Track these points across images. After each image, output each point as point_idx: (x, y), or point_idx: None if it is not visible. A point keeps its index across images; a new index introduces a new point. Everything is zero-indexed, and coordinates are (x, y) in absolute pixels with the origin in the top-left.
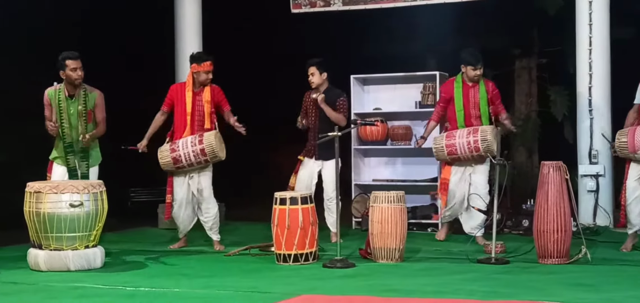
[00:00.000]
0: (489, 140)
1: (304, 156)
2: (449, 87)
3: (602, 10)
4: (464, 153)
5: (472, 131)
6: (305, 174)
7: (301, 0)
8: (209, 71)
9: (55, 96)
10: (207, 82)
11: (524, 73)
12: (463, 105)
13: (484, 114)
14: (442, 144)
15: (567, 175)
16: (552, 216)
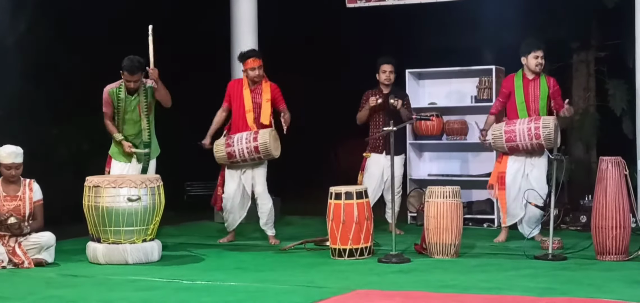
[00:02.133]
0: (551, 128)
1: (370, 152)
2: (510, 82)
3: None
4: (523, 141)
5: (534, 119)
6: (376, 169)
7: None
8: (254, 67)
9: (115, 93)
10: (259, 78)
11: (582, 67)
12: (524, 99)
13: (542, 109)
14: (501, 130)
15: (626, 171)
16: (611, 212)
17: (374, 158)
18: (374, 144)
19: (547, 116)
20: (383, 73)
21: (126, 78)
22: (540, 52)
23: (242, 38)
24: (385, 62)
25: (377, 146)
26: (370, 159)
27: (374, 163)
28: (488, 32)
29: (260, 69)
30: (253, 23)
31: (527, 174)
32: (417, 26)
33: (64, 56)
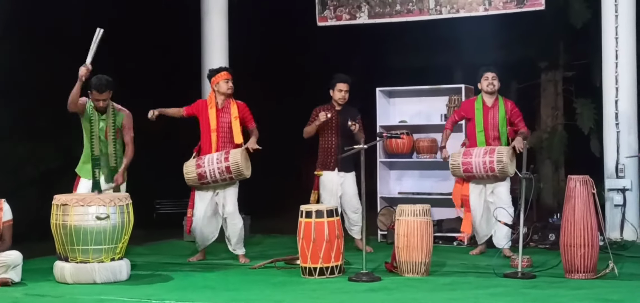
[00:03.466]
0: (504, 161)
1: (322, 170)
2: (469, 108)
3: (629, 23)
4: (479, 172)
5: (488, 151)
6: (329, 187)
7: (327, 13)
8: (227, 79)
9: (90, 107)
10: (230, 91)
11: (550, 86)
12: (483, 127)
13: (502, 135)
14: (458, 161)
15: (594, 189)
16: (579, 230)
17: (327, 175)
18: (325, 162)
19: (501, 148)
20: (339, 92)
21: (95, 97)
22: (490, 74)
23: (212, 56)
24: (342, 81)
25: (328, 163)
26: (322, 177)
27: (327, 181)
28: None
29: (232, 83)
30: (224, 41)
31: (492, 190)
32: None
33: (31, 73)
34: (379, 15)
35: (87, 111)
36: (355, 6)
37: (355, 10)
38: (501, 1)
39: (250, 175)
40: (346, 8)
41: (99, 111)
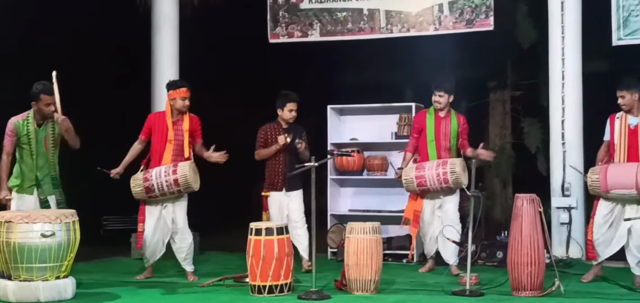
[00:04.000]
0: (458, 172)
1: (269, 191)
2: (422, 119)
3: (575, 44)
4: (433, 185)
5: (441, 163)
6: (277, 208)
7: (279, 30)
8: (185, 97)
9: (24, 126)
10: (185, 109)
11: (499, 105)
12: (434, 137)
13: (453, 147)
14: (411, 175)
15: (541, 208)
16: (526, 248)
17: (274, 196)
18: (272, 182)
19: (454, 159)
20: (289, 112)
21: (45, 101)
22: (438, 92)
23: (163, 70)
24: (293, 101)
25: (275, 184)
26: (270, 198)
27: (275, 202)
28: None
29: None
30: (174, 55)
31: (440, 205)
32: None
33: None
34: (331, 33)
35: (19, 132)
36: (307, 24)
37: (307, 28)
38: (451, 21)
39: (198, 188)
40: (298, 25)
41: (42, 120)
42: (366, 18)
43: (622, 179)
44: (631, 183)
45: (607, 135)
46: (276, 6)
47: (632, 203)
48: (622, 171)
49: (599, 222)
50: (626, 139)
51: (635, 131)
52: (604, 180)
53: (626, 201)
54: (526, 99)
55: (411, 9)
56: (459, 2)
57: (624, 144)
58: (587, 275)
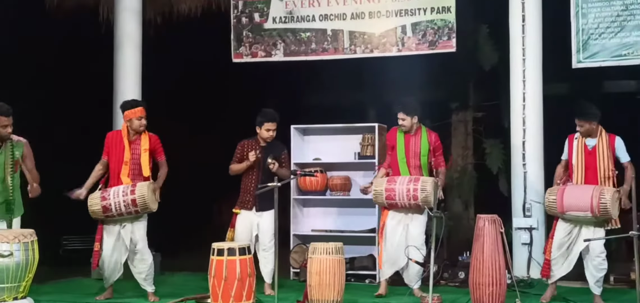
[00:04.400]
0: (428, 191)
1: (240, 209)
2: (392, 136)
3: (535, 67)
4: (402, 200)
5: (413, 180)
6: (245, 226)
7: (242, 50)
8: (141, 116)
9: None
10: (142, 128)
11: (461, 126)
12: (405, 154)
13: (424, 165)
14: (382, 187)
15: (502, 228)
16: (488, 269)
17: (244, 214)
18: (243, 200)
19: (425, 177)
20: (266, 131)
21: (2, 123)
22: (400, 113)
23: (125, 89)
24: (270, 121)
25: (246, 202)
26: (240, 215)
27: (244, 220)
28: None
29: (145, 120)
30: (137, 74)
31: (407, 225)
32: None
33: None
34: (294, 53)
35: None
36: (271, 44)
37: (270, 48)
38: (414, 43)
39: (156, 209)
40: (262, 45)
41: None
42: (330, 38)
43: (578, 201)
44: (586, 205)
45: (566, 154)
46: (240, 26)
47: (589, 225)
48: (578, 193)
49: (558, 243)
50: (583, 161)
51: (593, 153)
52: (560, 201)
53: (582, 222)
54: (488, 120)
55: (374, 30)
56: (421, 24)
57: (581, 165)
58: (546, 295)
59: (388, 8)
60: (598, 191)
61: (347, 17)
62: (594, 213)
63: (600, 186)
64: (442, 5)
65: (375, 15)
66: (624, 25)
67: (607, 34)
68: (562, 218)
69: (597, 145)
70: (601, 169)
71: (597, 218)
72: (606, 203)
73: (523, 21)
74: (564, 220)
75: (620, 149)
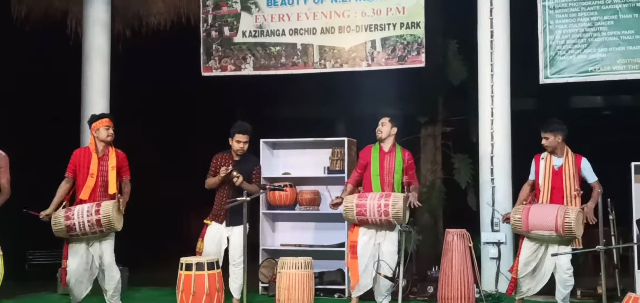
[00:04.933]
0: (399, 207)
1: (211, 220)
2: (367, 153)
3: (503, 82)
4: (372, 216)
5: (384, 195)
6: (214, 239)
7: (212, 64)
8: (109, 126)
9: None
10: (110, 139)
11: (430, 141)
12: (379, 171)
13: (397, 183)
14: (353, 203)
15: (471, 243)
16: (456, 283)
17: (214, 226)
18: (215, 213)
19: (397, 194)
20: (237, 143)
21: None
22: (383, 119)
23: (93, 103)
24: (241, 132)
25: (218, 215)
26: (210, 227)
27: (214, 232)
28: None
29: (113, 130)
30: (105, 88)
31: (378, 243)
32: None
33: None
34: (264, 67)
35: None
36: (241, 58)
37: (240, 62)
38: (383, 57)
39: (121, 228)
40: (231, 59)
41: None
42: (300, 53)
43: (542, 220)
44: (551, 224)
45: (532, 175)
46: (209, 40)
47: (554, 243)
48: (543, 212)
49: (524, 261)
50: (550, 180)
51: (559, 172)
52: (525, 220)
53: (547, 241)
54: (456, 135)
55: (344, 44)
56: (391, 39)
57: (548, 184)
58: None
59: (358, 23)
60: (563, 211)
61: (317, 31)
62: (558, 232)
63: (565, 205)
64: (412, 20)
65: (345, 30)
66: (591, 42)
67: (574, 50)
68: (527, 236)
69: (564, 165)
70: (567, 189)
71: (562, 237)
72: (571, 222)
73: (491, 37)
74: (530, 239)
75: (586, 169)
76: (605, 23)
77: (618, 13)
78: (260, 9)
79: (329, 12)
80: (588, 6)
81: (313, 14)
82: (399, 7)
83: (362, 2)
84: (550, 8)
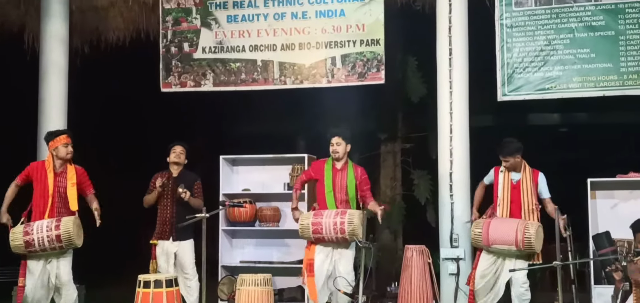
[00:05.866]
0: (355, 224)
1: (157, 240)
2: (320, 167)
3: (462, 99)
4: (329, 234)
5: (339, 213)
6: (163, 256)
7: (171, 79)
8: (67, 143)
9: None
10: (69, 156)
11: (389, 157)
12: (332, 188)
13: (351, 199)
14: (308, 221)
15: (430, 259)
16: (416, 299)
17: (162, 245)
18: (161, 231)
19: (352, 210)
20: (173, 154)
21: None
22: (334, 139)
23: (50, 119)
24: (175, 144)
25: (163, 233)
26: (158, 246)
27: (162, 250)
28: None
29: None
30: (63, 103)
31: (335, 260)
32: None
33: None
34: (224, 84)
35: None
36: (200, 73)
37: (200, 78)
38: (343, 74)
39: (81, 244)
40: (191, 75)
41: None
42: (260, 69)
43: (503, 235)
44: (511, 239)
45: (489, 180)
46: (169, 55)
47: (511, 257)
48: (503, 226)
49: (480, 273)
50: (509, 194)
51: (517, 186)
52: (486, 234)
53: (506, 255)
54: (416, 151)
55: (305, 61)
56: (351, 56)
57: (506, 198)
58: None
59: (318, 40)
60: (523, 226)
61: (277, 48)
62: (518, 246)
63: (524, 220)
64: (371, 37)
65: (305, 47)
66: (547, 60)
67: (531, 68)
68: (486, 250)
69: (521, 180)
70: (525, 203)
71: (521, 252)
72: (530, 237)
73: (450, 55)
74: (488, 252)
75: (542, 184)
76: (561, 42)
77: (574, 32)
78: (220, 25)
79: (289, 28)
80: (545, 25)
81: (273, 31)
82: (359, 24)
83: (323, 19)
84: (507, 26)
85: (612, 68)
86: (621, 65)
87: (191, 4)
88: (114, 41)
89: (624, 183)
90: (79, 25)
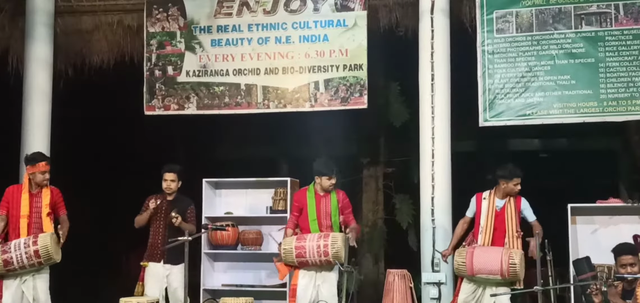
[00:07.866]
0: (339, 246)
1: (148, 261)
2: (302, 197)
3: (444, 124)
4: (312, 257)
5: (323, 236)
6: (154, 279)
7: (155, 102)
8: (45, 171)
9: None
10: (45, 183)
11: (372, 181)
12: (316, 216)
13: (335, 224)
14: (291, 246)
15: (412, 283)
16: None
17: (152, 267)
18: (151, 253)
19: (335, 233)
20: (164, 182)
21: None
22: (333, 178)
23: (34, 142)
24: (167, 171)
25: (154, 255)
26: (148, 268)
27: (153, 273)
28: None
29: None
30: (46, 126)
31: (318, 285)
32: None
33: None
34: (208, 107)
35: None
36: (184, 97)
37: (183, 101)
38: (326, 98)
39: (60, 260)
40: (175, 98)
41: None
42: (243, 93)
43: (487, 264)
44: (496, 268)
45: (472, 212)
46: (153, 78)
47: (492, 285)
48: (487, 256)
49: (462, 301)
50: (492, 221)
51: (501, 213)
52: (470, 264)
53: (490, 283)
54: (398, 176)
55: (288, 85)
56: (334, 80)
57: (490, 225)
58: None
59: (301, 64)
60: (507, 255)
61: (260, 72)
62: (503, 275)
63: (508, 248)
64: (355, 62)
65: (288, 71)
66: (528, 86)
67: (512, 94)
68: (469, 279)
69: (506, 206)
70: (509, 229)
71: (505, 280)
72: (515, 265)
73: (432, 80)
74: (470, 280)
75: (526, 209)
76: (542, 68)
77: (554, 58)
78: (204, 49)
79: (272, 53)
80: (526, 52)
81: (257, 55)
82: (342, 49)
83: (306, 43)
84: (489, 53)
85: (592, 95)
86: (601, 92)
87: (175, 28)
88: (98, 64)
89: (604, 209)
90: (64, 48)
